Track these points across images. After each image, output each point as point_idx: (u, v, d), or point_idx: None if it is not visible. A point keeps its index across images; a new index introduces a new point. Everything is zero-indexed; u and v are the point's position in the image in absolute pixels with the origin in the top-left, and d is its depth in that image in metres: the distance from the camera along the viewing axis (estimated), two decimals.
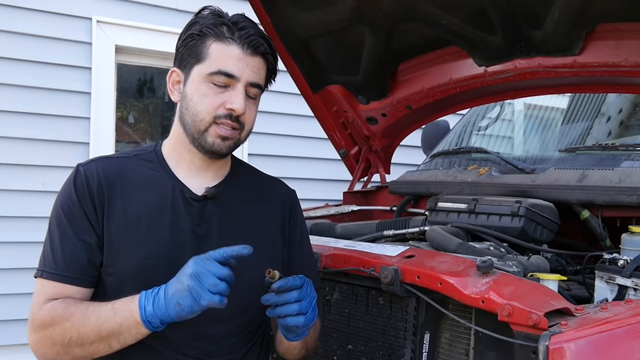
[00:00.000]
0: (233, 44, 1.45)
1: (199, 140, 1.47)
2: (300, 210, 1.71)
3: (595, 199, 1.93)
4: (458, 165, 2.58)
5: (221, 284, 1.28)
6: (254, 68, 1.48)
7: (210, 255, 1.30)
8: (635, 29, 1.90)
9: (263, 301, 1.40)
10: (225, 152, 1.50)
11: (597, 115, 2.70)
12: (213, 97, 1.44)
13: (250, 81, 1.47)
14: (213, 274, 1.27)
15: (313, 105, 2.77)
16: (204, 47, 1.45)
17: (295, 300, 1.37)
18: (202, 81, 1.45)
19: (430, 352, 1.58)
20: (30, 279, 1.47)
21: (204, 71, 1.45)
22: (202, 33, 1.46)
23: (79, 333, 1.33)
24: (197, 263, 1.29)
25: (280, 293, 1.38)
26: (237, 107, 1.44)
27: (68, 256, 1.40)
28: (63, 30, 3.86)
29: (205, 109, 1.44)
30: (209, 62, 1.45)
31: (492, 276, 1.42)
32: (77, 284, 1.41)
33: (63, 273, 1.40)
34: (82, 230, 1.41)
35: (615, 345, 1.23)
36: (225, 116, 1.45)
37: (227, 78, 1.44)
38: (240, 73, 1.45)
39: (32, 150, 3.75)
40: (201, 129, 1.46)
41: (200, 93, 1.45)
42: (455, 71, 2.37)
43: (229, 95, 1.45)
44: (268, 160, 4.40)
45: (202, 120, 1.45)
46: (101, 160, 1.51)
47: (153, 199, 1.47)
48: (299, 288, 1.38)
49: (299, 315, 1.38)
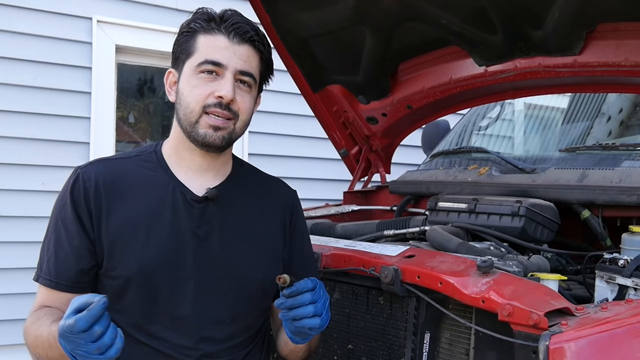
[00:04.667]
0: (219, 34, 1.46)
1: (192, 133, 1.46)
2: (301, 210, 1.71)
3: (595, 199, 1.93)
4: (458, 165, 2.58)
5: (103, 341, 1.15)
6: (243, 56, 1.47)
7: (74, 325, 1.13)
8: (635, 28, 1.90)
9: (277, 305, 1.40)
10: (219, 143, 1.47)
11: (598, 115, 2.70)
12: (202, 87, 1.45)
13: (238, 69, 1.46)
14: (88, 342, 1.14)
15: (313, 105, 2.77)
16: (192, 42, 1.47)
17: (309, 302, 1.37)
18: (192, 74, 1.46)
19: (431, 352, 1.58)
20: (30, 279, 1.48)
21: (193, 64, 1.46)
22: (191, 29, 1.48)
23: (35, 350, 1.38)
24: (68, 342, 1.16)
25: (294, 296, 1.37)
26: (225, 93, 1.43)
27: (60, 263, 1.42)
28: (63, 30, 3.86)
29: (194, 99, 1.45)
30: (197, 54, 1.46)
31: (492, 276, 1.42)
32: (68, 290, 1.42)
33: (55, 280, 1.42)
34: (75, 236, 1.42)
35: (615, 345, 1.23)
36: (215, 105, 1.44)
37: (213, 66, 1.44)
38: (227, 61, 1.45)
39: (32, 150, 3.75)
40: (192, 120, 1.45)
41: (190, 85, 1.46)
42: (455, 71, 2.37)
43: (217, 83, 1.45)
44: (268, 160, 4.40)
45: (192, 112, 1.45)
46: (100, 163, 1.51)
47: (153, 201, 1.46)
48: (312, 290, 1.38)
49: (315, 317, 1.38)
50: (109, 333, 1.15)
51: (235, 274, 1.49)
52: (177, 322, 1.44)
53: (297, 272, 1.45)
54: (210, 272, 1.46)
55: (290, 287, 1.37)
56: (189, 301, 1.44)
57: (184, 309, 1.44)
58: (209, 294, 1.46)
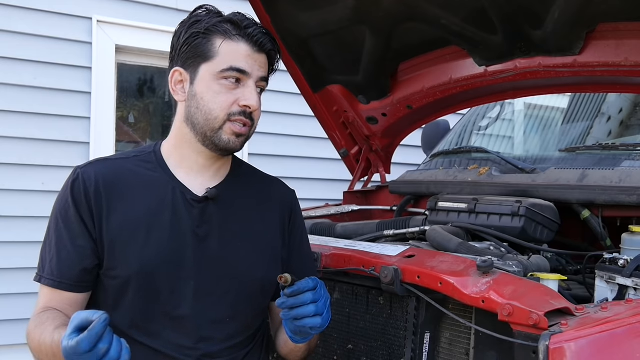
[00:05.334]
0: (242, 42, 1.47)
1: (212, 138, 1.47)
2: (300, 210, 1.71)
3: (595, 199, 1.93)
4: (458, 165, 2.58)
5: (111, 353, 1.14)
6: (262, 64, 1.50)
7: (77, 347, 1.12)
8: (635, 28, 1.90)
9: (278, 305, 1.41)
10: (239, 149, 1.52)
11: (598, 115, 2.70)
12: (227, 95, 1.46)
13: (260, 76, 1.49)
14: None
15: (313, 105, 2.77)
16: (211, 46, 1.46)
17: (311, 302, 1.38)
18: (213, 79, 1.46)
19: (431, 352, 1.58)
20: (31, 279, 1.48)
21: (214, 69, 1.45)
22: (207, 31, 1.47)
23: (39, 355, 1.36)
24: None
25: (295, 296, 1.38)
26: (253, 103, 1.46)
27: (63, 263, 1.42)
28: (63, 30, 3.86)
29: (219, 106, 1.45)
30: (219, 59, 1.46)
31: (492, 276, 1.42)
32: (72, 290, 1.42)
33: (58, 279, 1.42)
34: (78, 236, 1.42)
35: (615, 345, 1.23)
36: (240, 113, 1.46)
37: (239, 74, 1.46)
38: (251, 69, 1.47)
39: (32, 150, 3.75)
40: (215, 127, 1.46)
41: (212, 91, 1.46)
42: (455, 71, 2.37)
43: (242, 92, 1.46)
44: (268, 160, 4.40)
45: (216, 119, 1.46)
46: (99, 163, 1.51)
47: (153, 201, 1.46)
48: (313, 289, 1.38)
49: (316, 317, 1.39)
50: (114, 348, 1.14)
51: (235, 274, 1.49)
52: (177, 321, 1.44)
53: (296, 272, 1.45)
54: (210, 272, 1.47)
55: (291, 287, 1.38)
56: (188, 301, 1.44)
57: (183, 308, 1.44)
58: (208, 294, 1.46)
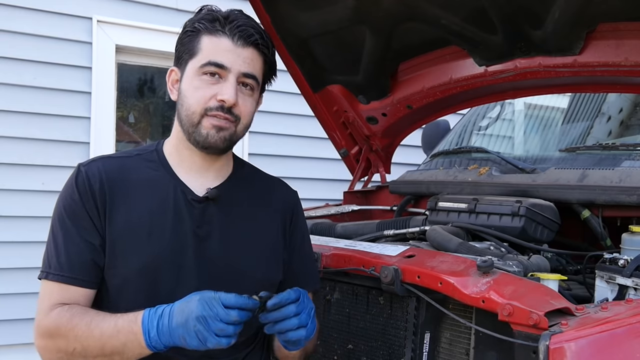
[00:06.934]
0: (223, 36, 1.45)
1: (194, 134, 1.46)
2: (302, 211, 1.71)
3: (595, 199, 1.93)
4: (458, 165, 2.58)
5: (228, 328, 1.24)
6: (247, 59, 1.46)
7: (219, 298, 1.26)
8: (635, 28, 1.90)
9: (261, 320, 1.35)
10: (221, 145, 1.47)
11: (598, 114, 2.70)
12: (205, 90, 1.44)
13: (242, 71, 1.45)
14: (220, 320, 1.23)
15: (313, 105, 2.77)
16: (197, 42, 1.46)
17: (294, 315, 1.33)
18: (194, 75, 1.45)
19: (431, 352, 1.58)
20: (31, 279, 1.47)
21: (196, 65, 1.45)
22: (194, 29, 1.47)
23: (83, 346, 1.33)
24: (204, 306, 1.24)
25: (277, 309, 1.34)
26: (228, 97, 1.42)
27: (72, 257, 1.39)
28: (63, 29, 3.86)
29: (196, 101, 1.44)
30: (201, 55, 1.45)
31: (492, 276, 1.42)
32: (83, 285, 1.40)
33: (68, 274, 1.39)
34: (85, 231, 1.40)
35: (615, 345, 1.23)
36: (217, 108, 1.43)
37: (217, 68, 1.43)
38: (231, 64, 1.44)
39: (32, 150, 3.75)
40: (194, 121, 1.45)
41: (192, 87, 1.45)
42: (455, 71, 2.37)
43: (220, 86, 1.44)
44: (268, 160, 4.40)
45: (194, 113, 1.44)
46: (102, 160, 1.50)
47: (155, 200, 1.46)
48: (295, 302, 1.35)
49: (300, 329, 1.35)
50: (236, 327, 1.25)
51: (235, 274, 1.49)
52: None
53: (296, 273, 1.44)
54: (210, 272, 1.46)
55: (272, 300, 1.32)
56: None
57: None
58: None
